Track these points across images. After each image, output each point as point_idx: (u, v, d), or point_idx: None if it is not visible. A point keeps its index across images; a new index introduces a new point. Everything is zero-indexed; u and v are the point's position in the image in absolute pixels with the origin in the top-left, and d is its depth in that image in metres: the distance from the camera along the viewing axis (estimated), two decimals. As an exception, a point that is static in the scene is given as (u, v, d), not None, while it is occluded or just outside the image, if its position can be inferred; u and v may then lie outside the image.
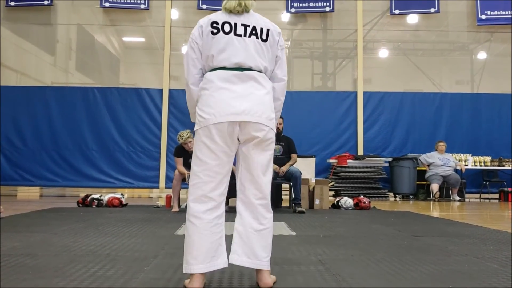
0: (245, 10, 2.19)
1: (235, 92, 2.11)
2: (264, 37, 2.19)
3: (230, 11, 2.19)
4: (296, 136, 6.91)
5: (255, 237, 2.13)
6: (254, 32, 2.18)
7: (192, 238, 2.10)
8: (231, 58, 2.13)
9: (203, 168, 2.10)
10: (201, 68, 2.25)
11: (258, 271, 2.14)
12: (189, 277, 2.11)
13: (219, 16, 2.20)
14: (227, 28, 2.16)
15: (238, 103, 2.08)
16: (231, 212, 5.99)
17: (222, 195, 2.15)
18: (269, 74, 2.25)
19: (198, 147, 2.13)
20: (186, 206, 6.87)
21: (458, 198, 8.93)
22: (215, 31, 2.17)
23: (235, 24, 2.17)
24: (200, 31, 2.21)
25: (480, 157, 9.43)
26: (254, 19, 2.21)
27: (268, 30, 2.21)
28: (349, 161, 8.99)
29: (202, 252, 2.07)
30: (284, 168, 6.16)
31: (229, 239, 2.22)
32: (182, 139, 5.89)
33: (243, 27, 2.17)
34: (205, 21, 2.22)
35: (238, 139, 2.12)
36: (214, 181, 2.11)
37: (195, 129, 2.17)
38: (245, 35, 2.16)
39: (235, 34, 2.16)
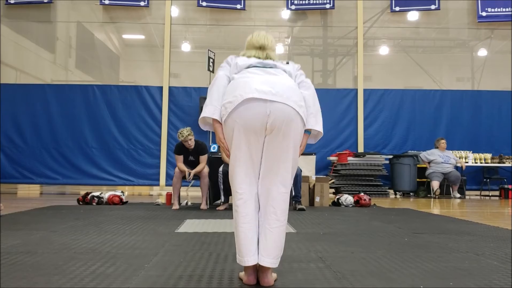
0: (268, 57, 2.34)
1: (264, 77, 2.13)
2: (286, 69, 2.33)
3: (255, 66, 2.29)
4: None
5: (271, 233, 2.10)
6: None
7: (241, 230, 2.11)
8: (257, 67, 2.24)
9: (236, 157, 2.11)
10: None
11: (260, 268, 2.13)
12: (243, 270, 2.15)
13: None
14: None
15: (266, 86, 2.08)
16: (231, 209, 5.99)
17: (253, 184, 2.14)
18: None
19: (228, 138, 2.13)
20: (186, 203, 6.88)
21: (458, 195, 8.93)
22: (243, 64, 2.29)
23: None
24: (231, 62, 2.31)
25: (480, 154, 9.43)
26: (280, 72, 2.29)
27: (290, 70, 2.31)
28: (349, 158, 8.99)
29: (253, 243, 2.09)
30: None
31: (230, 236, 2.21)
32: (183, 136, 5.88)
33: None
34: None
35: (266, 126, 2.06)
36: (247, 170, 2.11)
37: (223, 120, 2.12)
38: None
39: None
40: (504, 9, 9.94)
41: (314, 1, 9.96)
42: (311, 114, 2.21)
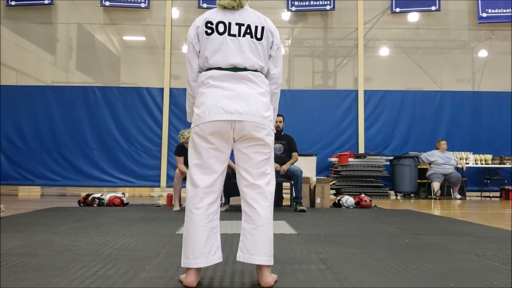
0: (239, 5, 2.19)
1: (229, 91, 2.12)
2: (258, 36, 2.19)
3: (224, 7, 2.19)
4: (297, 134, 6.90)
5: (256, 233, 2.12)
6: (248, 31, 2.17)
7: (190, 233, 2.15)
8: (226, 59, 2.14)
9: (199, 163, 2.15)
10: (197, 67, 2.26)
11: (259, 269, 2.13)
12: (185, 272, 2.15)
13: (214, 15, 2.20)
14: (221, 28, 2.16)
15: (231, 102, 2.10)
16: (232, 211, 5.98)
17: (217, 192, 2.18)
18: (265, 72, 2.26)
19: (193, 144, 2.17)
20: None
21: (459, 196, 8.92)
22: (209, 31, 2.17)
23: (229, 23, 2.17)
24: (196, 32, 2.22)
25: (481, 155, 9.42)
26: (249, 16, 2.20)
27: (263, 28, 2.21)
28: (350, 159, 8.99)
29: (199, 247, 2.10)
30: (285, 167, 6.15)
31: (231, 237, 2.21)
32: (184, 138, 5.89)
33: (237, 26, 2.17)
34: (200, 20, 2.22)
35: (233, 138, 2.14)
36: (210, 177, 2.15)
37: (191, 126, 2.20)
38: (239, 35, 2.16)
39: (229, 34, 2.16)
40: (504, 10, 9.94)
41: (315, 3, 9.97)
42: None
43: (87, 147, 9.43)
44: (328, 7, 9.96)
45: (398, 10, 10.04)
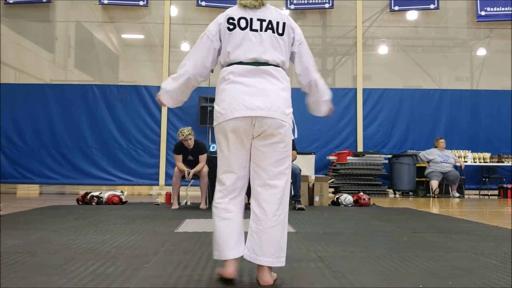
0: (261, 4, 2.20)
1: (250, 87, 2.11)
2: (280, 31, 2.20)
3: (245, 6, 2.20)
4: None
5: (264, 235, 2.10)
6: (270, 26, 2.18)
7: (216, 227, 2.16)
8: (247, 53, 2.14)
9: (224, 159, 2.16)
10: (207, 63, 2.25)
11: (259, 268, 2.13)
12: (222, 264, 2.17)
13: (235, 12, 2.20)
14: (243, 23, 2.17)
15: (252, 98, 2.09)
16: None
17: (242, 187, 2.19)
18: (286, 68, 2.25)
19: (217, 142, 2.19)
20: (186, 203, 6.86)
21: (457, 194, 8.93)
22: (231, 27, 2.17)
23: (251, 19, 2.17)
24: (218, 28, 2.22)
25: (479, 153, 9.44)
26: (270, 13, 2.21)
27: (284, 23, 2.22)
28: (348, 158, 9.00)
29: (226, 240, 2.12)
30: None
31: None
32: (183, 135, 5.87)
33: (259, 22, 2.17)
34: (222, 17, 2.22)
35: (253, 134, 2.12)
36: (233, 173, 2.15)
37: (214, 124, 2.18)
38: (261, 30, 2.17)
39: (251, 29, 2.16)
40: (503, 9, 9.95)
41: (313, 1, 9.96)
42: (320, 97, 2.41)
43: (86, 145, 9.42)
44: (327, 5, 9.96)
45: (397, 8, 10.04)
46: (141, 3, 9.78)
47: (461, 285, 2.13)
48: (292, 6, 9.99)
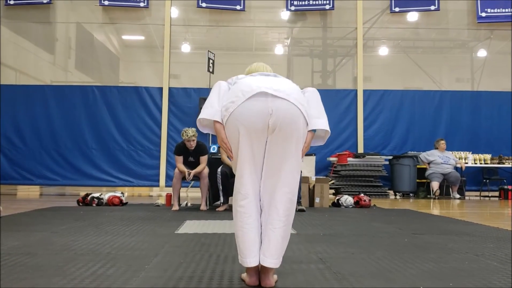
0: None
1: (265, 78, 2.14)
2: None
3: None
4: (296, 134, 6.88)
5: (273, 235, 2.09)
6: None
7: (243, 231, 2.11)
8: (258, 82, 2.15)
9: (239, 157, 2.10)
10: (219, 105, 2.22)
11: (262, 269, 2.12)
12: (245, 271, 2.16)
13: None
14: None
15: (268, 83, 2.08)
16: (230, 210, 5.98)
17: (256, 184, 2.13)
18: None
19: (231, 138, 2.11)
20: (186, 204, 6.85)
21: (458, 196, 8.92)
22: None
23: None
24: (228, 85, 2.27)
25: (480, 155, 9.43)
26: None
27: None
28: (349, 159, 8.99)
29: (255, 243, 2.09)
30: None
31: (230, 237, 2.20)
32: (187, 136, 5.84)
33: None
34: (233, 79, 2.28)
35: (268, 125, 2.03)
36: (249, 170, 2.10)
37: (224, 122, 2.11)
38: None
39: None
40: (504, 10, 9.95)
41: (314, 2, 9.97)
42: (315, 113, 2.22)
43: (86, 147, 9.42)
44: (327, 7, 9.97)
45: (397, 9, 10.04)
46: (141, 4, 9.79)
47: (462, 286, 2.13)
48: (293, 8, 9.99)
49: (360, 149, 9.64)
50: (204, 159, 6.04)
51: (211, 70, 9.05)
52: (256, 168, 2.12)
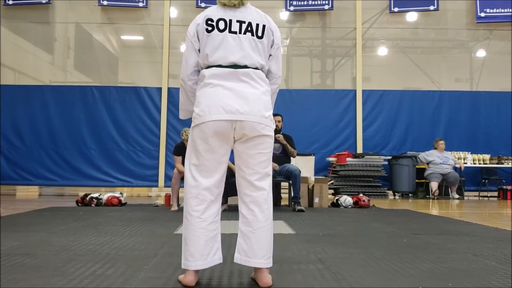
0: (241, 3, 2.17)
1: (229, 90, 2.09)
2: (259, 34, 2.17)
3: (224, 5, 2.17)
4: (295, 134, 6.90)
5: (254, 236, 2.11)
6: (249, 28, 2.15)
7: (189, 235, 2.14)
8: (227, 57, 2.11)
9: (198, 164, 2.13)
10: (194, 65, 2.23)
11: (256, 269, 2.13)
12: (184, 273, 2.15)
13: (214, 12, 2.17)
14: (221, 25, 2.14)
15: (231, 101, 2.07)
16: (230, 211, 5.97)
17: (216, 193, 2.15)
18: (265, 71, 2.23)
19: (193, 144, 2.14)
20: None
21: (457, 196, 8.93)
22: (209, 28, 2.14)
23: (230, 20, 2.14)
24: (196, 29, 2.19)
25: (479, 155, 9.44)
26: (250, 14, 2.18)
27: (264, 26, 2.18)
28: (348, 159, 9.00)
29: (198, 249, 2.09)
30: (283, 141, 6.20)
31: (229, 237, 2.21)
32: (187, 136, 5.85)
33: (238, 24, 2.14)
34: (201, 18, 2.19)
35: (234, 138, 2.11)
36: (210, 179, 2.12)
37: (191, 126, 2.16)
38: (240, 32, 2.13)
39: (230, 31, 2.13)
40: (503, 10, 9.96)
41: (313, 2, 9.97)
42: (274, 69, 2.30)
43: (85, 147, 9.42)
44: (326, 7, 9.97)
45: (396, 9, 10.05)
46: (140, 4, 9.78)
47: (461, 286, 2.13)
48: (292, 8, 9.99)
49: (359, 149, 9.65)
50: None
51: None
52: (219, 174, 2.16)
